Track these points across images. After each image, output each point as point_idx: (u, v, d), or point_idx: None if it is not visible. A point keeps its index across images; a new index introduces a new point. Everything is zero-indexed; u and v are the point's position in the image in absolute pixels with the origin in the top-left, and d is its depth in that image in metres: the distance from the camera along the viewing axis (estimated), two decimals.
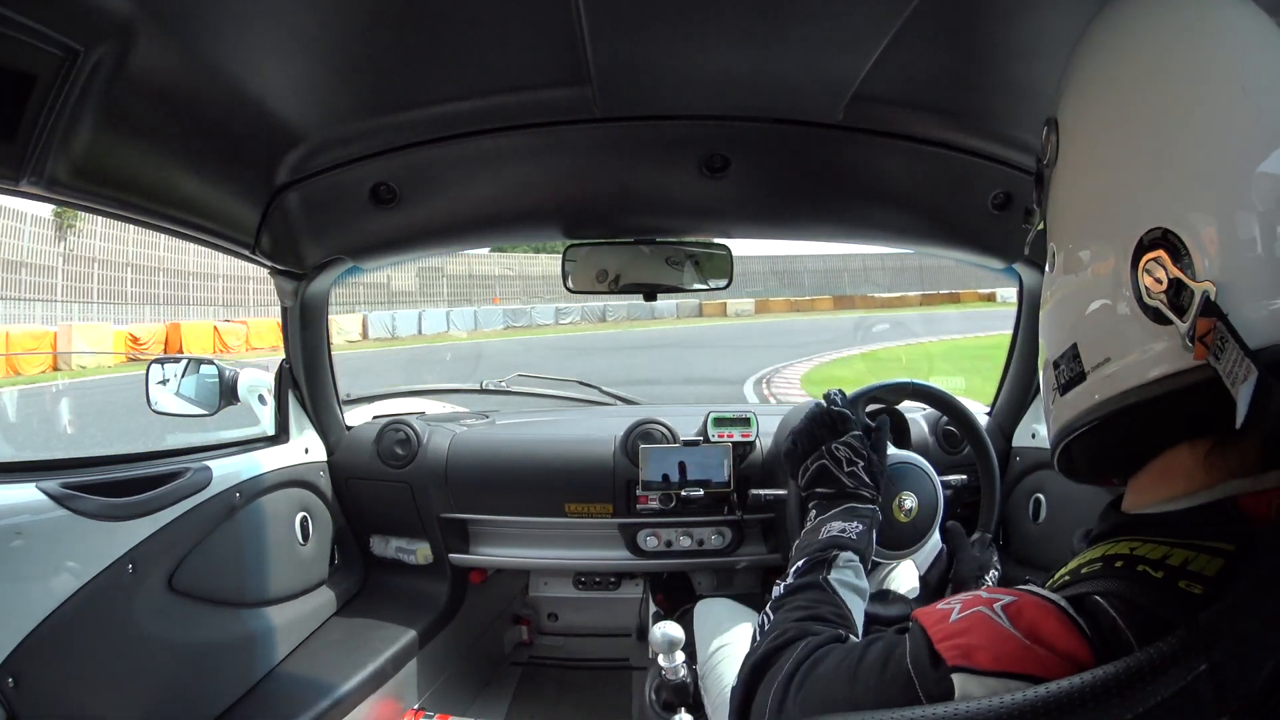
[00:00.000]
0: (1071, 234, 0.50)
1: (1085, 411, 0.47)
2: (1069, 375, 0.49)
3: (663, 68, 0.92)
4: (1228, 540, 0.39)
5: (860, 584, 0.69)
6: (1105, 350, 0.45)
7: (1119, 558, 0.42)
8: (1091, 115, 0.49)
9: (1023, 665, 0.38)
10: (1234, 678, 0.33)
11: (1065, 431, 0.51)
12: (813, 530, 0.77)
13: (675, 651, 1.18)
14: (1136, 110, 0.44)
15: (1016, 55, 0.89)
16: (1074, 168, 0.50)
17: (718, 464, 1.55)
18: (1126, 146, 0.44)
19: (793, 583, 0.69)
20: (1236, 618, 0.34)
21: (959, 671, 0.39)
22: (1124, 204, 0.43)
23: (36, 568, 0.91)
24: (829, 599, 0.65)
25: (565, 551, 1.66)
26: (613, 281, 1.37)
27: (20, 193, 0.81)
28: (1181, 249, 0.39)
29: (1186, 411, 0.42)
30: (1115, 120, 0.46)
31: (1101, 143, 0.47)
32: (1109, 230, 0.44)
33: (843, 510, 0.78)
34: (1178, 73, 0.43)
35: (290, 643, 1.40)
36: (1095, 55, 0.50)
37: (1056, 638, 0.39)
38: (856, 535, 0.74)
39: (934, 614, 0.44)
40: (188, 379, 1.48)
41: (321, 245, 1.33)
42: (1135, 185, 0.43)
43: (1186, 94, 0.42)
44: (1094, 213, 0.47)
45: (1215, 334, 0.36)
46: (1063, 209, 0.51)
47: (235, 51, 0.85)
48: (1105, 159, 0.46)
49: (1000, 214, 1.23)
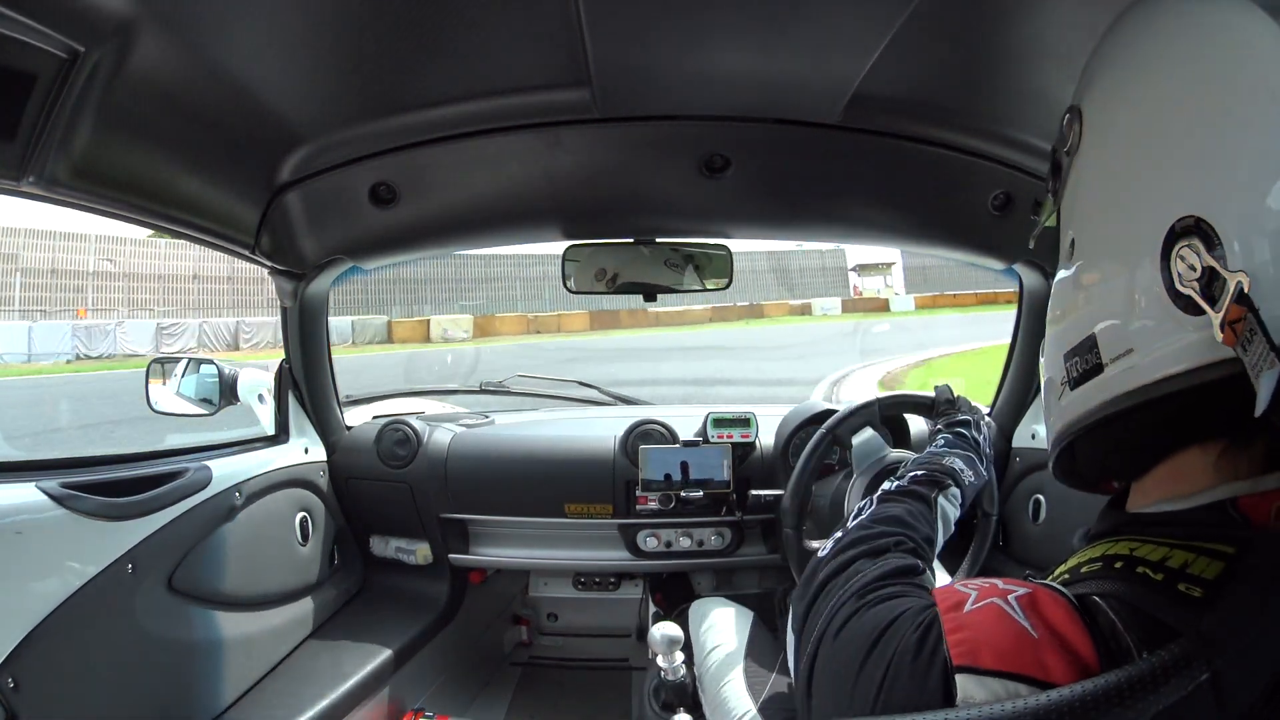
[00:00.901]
0: (1096, 220, 0.48)
1: (1100, 405, 0.45)
2: (1083, 368, 0.47)
3: (663, 68, 0.92)
4: (1227, 542, 0.38)
5: (954, 517, 0.77)
6: (1128, 341, 0.43)
7: (1119, 558, 0.42)
8: (1122, 104, 0.48)
9: (1026, 664, 0.38)
10: (1236, 686, 0.33)
11: (1073, 427, 0.49)
12: (937, 455, 0.85)
13: (674, 652, 1.18)
14: (1172, 102, 0.43)
15: (1017, 56, 0.89)
16: (1101, 154, 0.49)
17: (717, 464, 1.55)
18: (1160, 136, 0.43)
19: (907, 486, 0.74)
20: (1238, 625, 0.34)
21: (962, 672, 0.39)
22: (1156, 191, 0.42)
23: (36, 568, 0.91)
24: (927, 519, 0.69)
25: (565, 552, 1.66)
26: (611, 281, 1.37)
27: (20, 193, 0.81)
28: (1215, 238, 0.37)
29: (1205, 410, 0.41)
30: (1149, 110, 0.45)
31: (1133, 131, 0.46)
32: (1139, 216, 0.43)
33: (967, 458, 0.86)
34: (1216, 68, 0.42)
35: (290, 643, 1.40)
36: (1128, 46, 0.49)
37: (1066, 630, 0.38)
38: (969, 483, 0.82)
39: (951, 599, 0.44)
40: (188, 379, 1.48)
41: (321, 245, 1.33)
42: (1169, 173, 0.42)
43: (1224, 89, 0.41)
44: (1122, 199, 0.45)
45: (1245, 325, 0.35)
46: (1086, 195, 0.50)
47: (235, 51, 0.85)
48: (1136, 147, 0.45)
49: (1000, 215, 1.23)
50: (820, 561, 0.58)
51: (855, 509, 0.69)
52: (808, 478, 1.27)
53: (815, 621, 0.51)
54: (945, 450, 0.87)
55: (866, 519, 0.65)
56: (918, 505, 0.69)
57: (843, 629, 0.48)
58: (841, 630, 0.48)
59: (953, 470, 0.80)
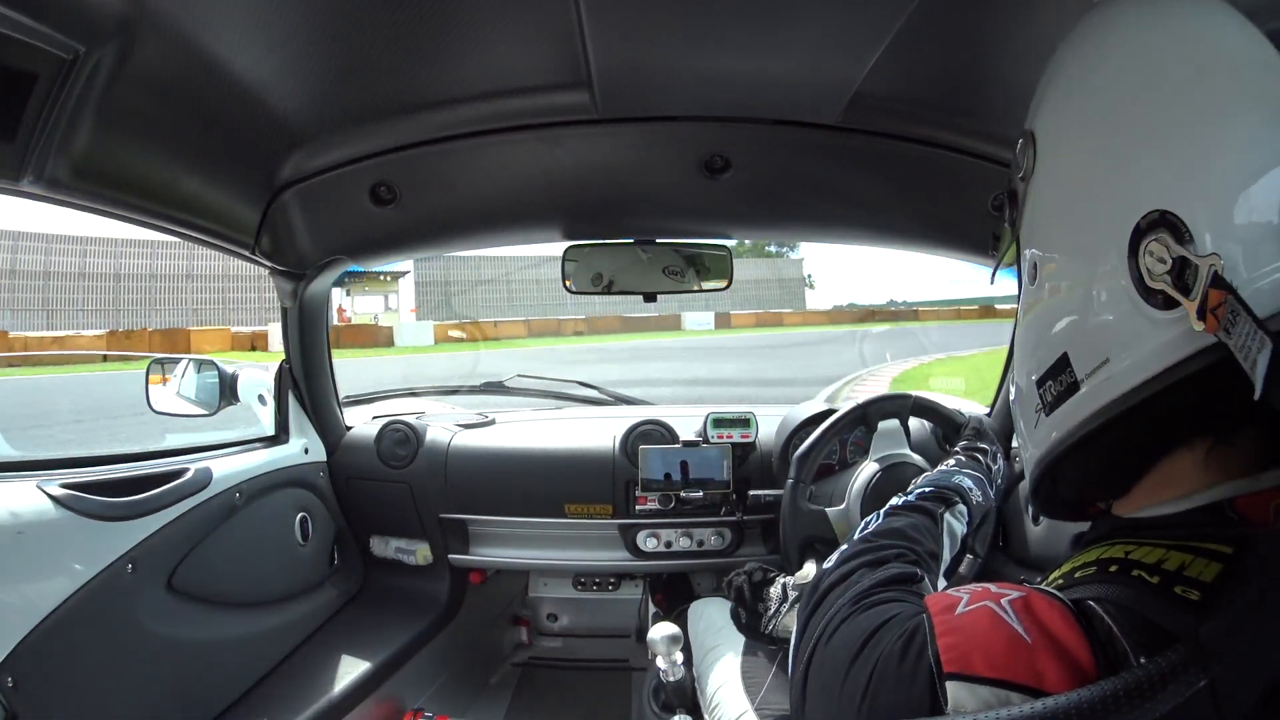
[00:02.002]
0: (1057, 236, 0.48)
1: (1081, 424, 0.44)
2: (1058, 390, 0.46)
3: (663, 69, 0.92)
4: (1225, 542, 0.38)
5: (960, 533, 0.75)
6: (1102, 351, 0.42)
7: (1113, 561, 0.41)
8: (1074, 116, 0.48)
9: (1019, 672, 0.37)
10: (1233, 693, 0.32)
11: (1054, 450, 0.48)
12: (948, 473, 0.84)
13: (674, 652, 1.18)
14: (1124, 103, 0.43)
15: (1016, 56, 0.89)
16: (1056, 168, 0.49)
17: (717, 465, 1.55)
18: (1116, 137, 0.43)
19: (914, 501, 0.72)
20: (1235, 633, 0.34)
21: (953, 679, 0.38)
22: (1117, 192, 0.42)
23: (36, 567, 0.91)
24: (933, 534, 0.67)
25: (565, 552, 1.66)
26: (611, 283, 1.37)
27: (20, 193, 0.81)
28: (1182, 228, 0.37)
29: (1186, 409, 0.41)
30: (1100, 115, 0.45)
31: (1086, 138, 0.46)
32: (1102, 222, 0.42)
33: (977, 479, 0.84)
34: (1166, 61, 0.42)
35: (290, 643, 1.40)
36: (1075, 60, 0.49)
37: (1062, 634, 0.38)
38: (976, 502, 0.80)
39: (942, 602, 0.43)
40: (188, 379, 1.49)
41: (321, 245, 1.33)
42: (1128, 172, 0.42)
43: (1179, 81, 0.41)
44: (1083, 209, 0.45)
45: (1226, 308, 0.34)
46: (1046, 213, 0.49)
47: (235, 51, 0.85)
48: (1092, 153, 0.45)
49: (1000, 215, 1.23)
50: (825, 572, 0.58)
51: (863, 522, 0.68)
52: (832, 435, 1.29)
53: (814, 628, 0.51)
54: (956, 469, 0.86)
55: (871, 532, 0.65)
56: (924, 520, 0.68)
57: (834, 634, 0.48)
58: (833, 635, 0.48)
59: (961, 489, 0.79)
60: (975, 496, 0.80)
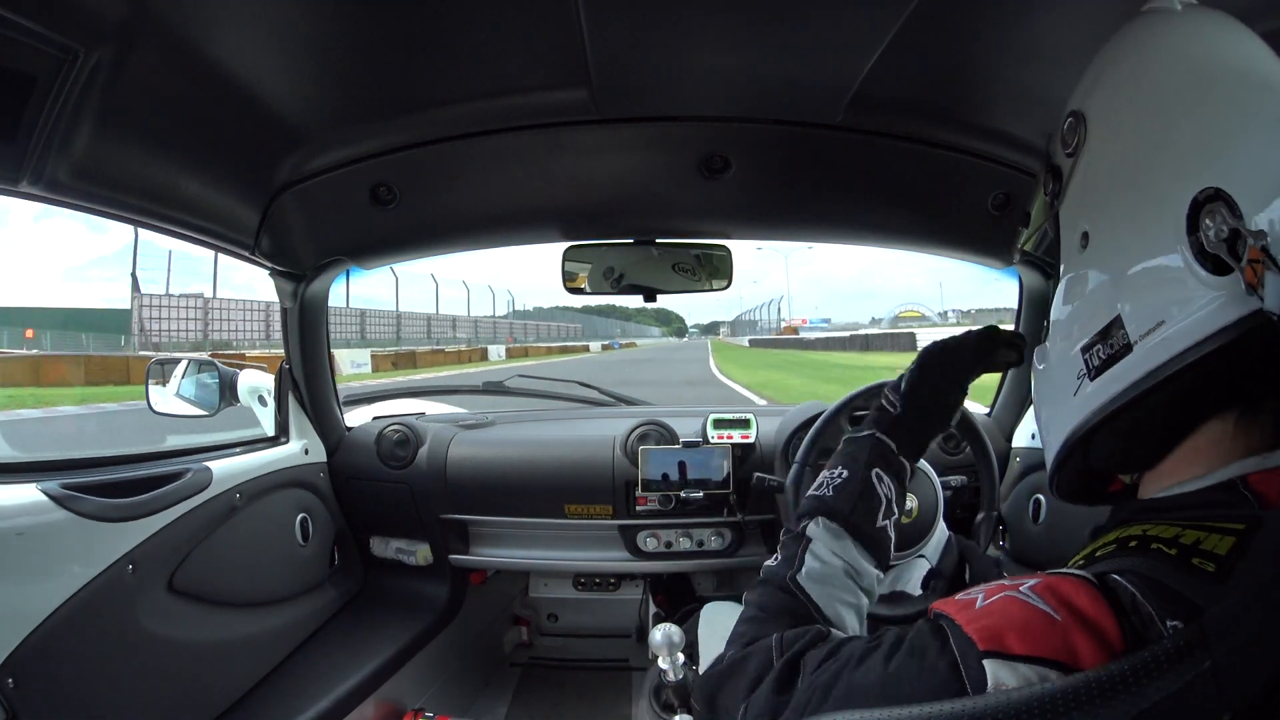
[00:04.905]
0: (1113, 206, 0.50)
1: (1132, 384, 0.46)
2: (1108, 353, 0.48)
3: (663, 68, 0.92)
4: (1237, 520, 0.39)
5: (835, 553, 0.61)
6: (1157, 314, 0.45)
7: (1132, 538, 0.43)
8: (1129, 105, 0.51)
9: (1055, 649, 0.37)
10: (1236, 676, 0.33)
11: (1095, 416, 0.48)
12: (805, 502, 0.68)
13: (675, 653, 1.18)
14: (1178, 100, 0.47)
15: (1016, 56, 0.89)
16: (1113, 148, 0.51)
17: (717, 465, 1.55)
18: (1172, 128, 0.47)
19: (762, 578, 0.63)
20: (1240, 615, 0.34)
21: (991, 657, 0.38)
22: (1175, 171, 0.45)
23: (37, 568, 0.91)
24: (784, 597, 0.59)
25: (565, 552, 1.66)
26: (614, 283, 1.37)
27: (20, 194, 0.81)
28: (1235, 208, 0.41)
29: (1224, 375, 0.43)
30: (1157, 108, 0.48)
31: (1144, 126, 0.49)
32: (1162, 194, 0.45)
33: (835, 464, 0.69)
34: (1213, 67, 0.47)
35: (290, 643, 1.40)
36: (1133, 54, 0.52)
37: (1090, 610, 0.38)
38: (834, 490, 0.65)
39: (957, 603, 0.43)
40: (188, 380, 1.49)
41: (321, 246, 1.33)
42: (1184, 156, 0.45)
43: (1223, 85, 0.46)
44: (1141, 182, 0.48)
45: (1263, 266, 0.38)
46: (1102, 185, 0.52)
47: (235, 52, 0.85)
48: (1149, 139, 0.48)
49: (1000, 215, 1.23)
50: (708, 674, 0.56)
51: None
52: (840, 412, 1.29)
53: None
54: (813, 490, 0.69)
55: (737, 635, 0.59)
56: (769, 588, 0.61)
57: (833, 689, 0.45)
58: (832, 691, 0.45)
59: (804, 512, 0.66)
60: (834, 480, 0.67)
